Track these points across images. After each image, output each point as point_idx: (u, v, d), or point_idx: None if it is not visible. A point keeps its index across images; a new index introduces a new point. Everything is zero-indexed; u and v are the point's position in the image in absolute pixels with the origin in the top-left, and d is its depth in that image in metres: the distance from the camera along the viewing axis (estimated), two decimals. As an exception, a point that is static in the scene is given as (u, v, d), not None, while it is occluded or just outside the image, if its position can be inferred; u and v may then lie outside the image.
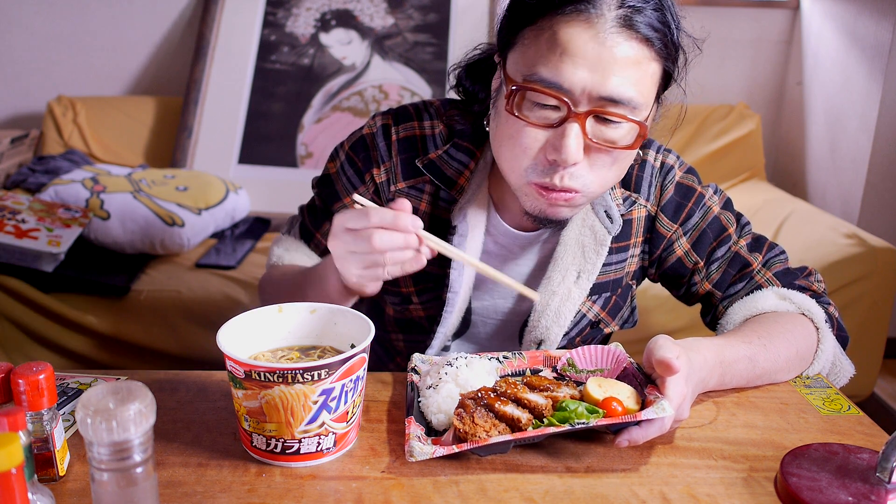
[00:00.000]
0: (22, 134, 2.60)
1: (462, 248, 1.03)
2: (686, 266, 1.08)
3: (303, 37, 2.69)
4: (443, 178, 1.04)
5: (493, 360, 0.96)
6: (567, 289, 1.04)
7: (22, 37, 2.76)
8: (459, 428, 0.79)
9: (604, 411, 0.79)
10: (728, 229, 1.08)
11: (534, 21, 0.87)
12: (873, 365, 2.17)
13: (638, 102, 0.87)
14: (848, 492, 0.73)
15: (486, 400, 0.81)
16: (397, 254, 0.87)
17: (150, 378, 0.97)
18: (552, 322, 1.05)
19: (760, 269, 1.07)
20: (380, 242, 0.85)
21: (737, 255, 1.07)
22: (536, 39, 0.87)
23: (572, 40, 0.84)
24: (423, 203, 1.07)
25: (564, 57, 0.84)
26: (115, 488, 0.60)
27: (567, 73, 0.84)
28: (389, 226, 0.85)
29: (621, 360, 0.91)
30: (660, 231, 1.07)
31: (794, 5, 2.87)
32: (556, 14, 0.85)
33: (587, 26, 0.84)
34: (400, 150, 1.06)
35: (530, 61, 0.87)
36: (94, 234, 2.17)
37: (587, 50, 0.83)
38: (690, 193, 1.07)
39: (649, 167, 1.07)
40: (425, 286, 1.09)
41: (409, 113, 1.08)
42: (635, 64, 0.85)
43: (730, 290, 1.08)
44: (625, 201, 1.06)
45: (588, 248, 1.04)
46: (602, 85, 0.84)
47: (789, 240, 2.22)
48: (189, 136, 2.61)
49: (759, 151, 2.78)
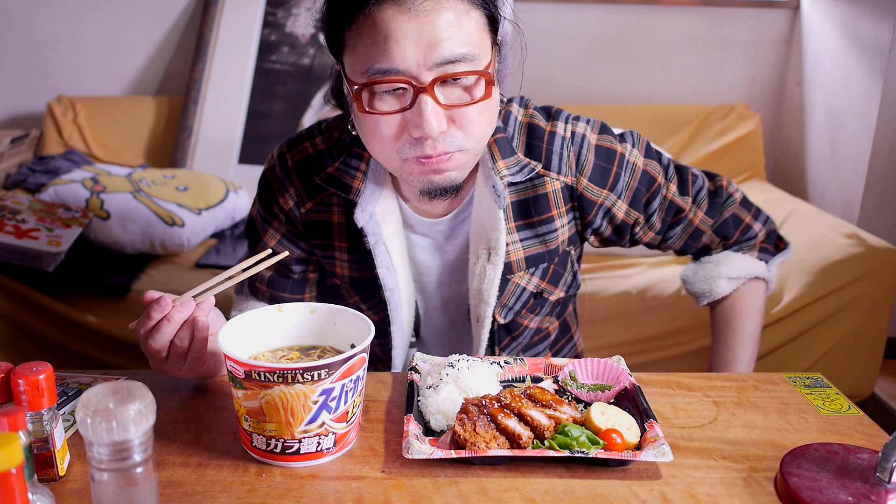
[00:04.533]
0: (22, 134, 2.60)
1: (382, 247, 1.06)
2: (628, 223, 1.12)
3: (303, 37, 2.69)
4: (341, 186, 1.06)
5: (495, 365, 0.96)
6: (482, 268, 1.07)
7: (22, 37, 2.76)
8: (460, 434, 0.79)
9: (604, 443, 0.80)
10: (657, 178, 1.11)
11: (350, 21, 0.90)
12: (873, 365, 2.17)
13: (473, 54, 0.89)
14: (848, 492, 0.73)
15: (490, 410, 0.81)
16: (172, 342, 0.88)
17: (150, 378, 0.97)
18: (478, 301, 1.08)
19: (693, 209, 1.15)
20: (153, 344, 0.87)
21: (671, 203, 1.13)
22: (359, 37, 0.89)
23: (390, 24, 0.87)
24: (335, 215, 1.09)
25: (389, 42, 0.87)
26: (115, 488, 0.60)
27: (397, 56, 0.87)
28: (148, 329, 0.87)
29: (623, 377, 0.92)
30: (588, 198, 1.08)
31: (794, 5, 2.87)
32: (367, 7, 0.88)
33: (397, 6, 0.86)
34: (298, 173, 1.09)
35: (362, 58, 0.89)
36: (94, 234, 2.17)
37: (407, 28, 0.86)
38: (612, 156, 1.08)
39: (559, 139, 1.06)
40: (367, 292, 1.12)
41: (300, 136, 1.12)
42: (455, 22, 0.88)
43: (668, 234, 1.16)
44: (520, 171, 1.04)
45: (488, 227, 1.05)
46: (433, 53, 0.87)
47: (789, 240, 2.22)
48: (189, 136, 2.61)
49: (759, 151, 2.79)
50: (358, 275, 1.11)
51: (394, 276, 1.08)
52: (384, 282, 1.08)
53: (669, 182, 1.13)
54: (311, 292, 1.18)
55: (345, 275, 1.12)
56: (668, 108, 2.83)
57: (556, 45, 2.85)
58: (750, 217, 1.20)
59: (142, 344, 0.89)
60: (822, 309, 2.08)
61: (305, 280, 1.17)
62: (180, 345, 0.88)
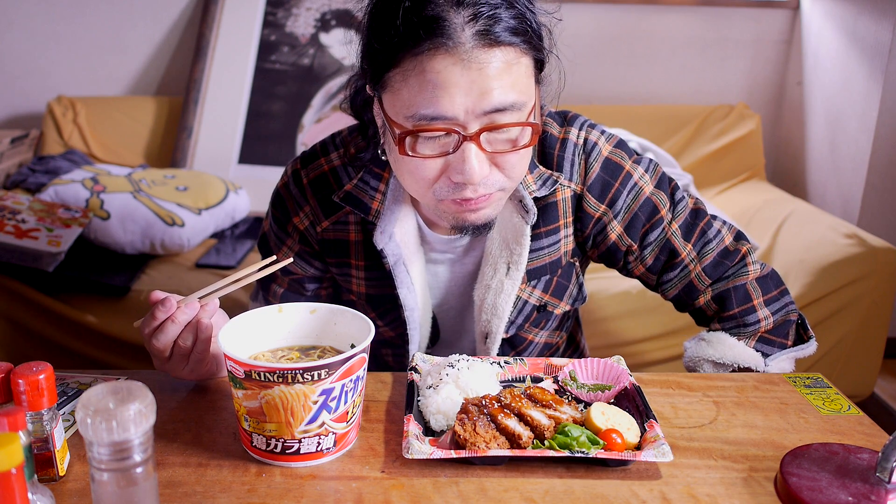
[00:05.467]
0: (22, 134, 2.60)
1: (402, 267, 1.05)
2: (620, 249, 1.09)
3: (303, 37, 2.69)
4: (360, 205, 1.04)
5: (495, 365, 0.96)
6: (499, 282, 1.06)
7: (22, 37, 2.76)
8: (460, 434, 0.79)
9: (604, 443, 0.80)
10: (660, 211, 1.07)
11: (397, 63, 0.86)
12: (873, 365, 2.17)
13: (521, 102, 0.87)
14: (848, 492, 0.73)
15: (490, 410, 0.81)
16: (175, 342, 0.89)
17: (150, 378, 0.97)
18: (491, 315, 1.07)
19: (694, 260, 1.09)
20: (157, 344, 0.88)
21: (668, 242, 1.08)
22: (406, 81, 0.86)
23: (440, 74, 0.83)
24: (352, 234, 1.07)
25: (438, 91, 0.84)
26: (115, 488, 0.60)
27: (446, 104, 0.84)
28: (152, 329, 0.87)
29: (623, 377, 0.92)
30: (587, 210, 1.06)
31: (794, 5, 2.87)
32: (416, 51, 0.84)
33: (448, 56, 0.83)
34: (314, 192, 1.07)
35: (407, 103, 0.86)
36: (94, 234, 2.17)
37: (457, 78, 0.83)
38: (618, 172, 1.05)
39: (571, 145, 1.05)
40: (384, 309, 1.11)
41: (315, 152, 1.09)
42: (506, 70, 0.85)
43: (663, 278, 1.11)
44: (544, 184, 1.04)
45: (511, 241, 1.04)
46: (482, 102, 0.84)
47: (789, 240, 2.23)
48: (189, 136, 2.61)
49: (759, 151, 2.79)
50: (375, 292, 1.10)
51: (413, 296, 1.07)
52: (404, 302, 1.07)
53: (675, 219, 1.08)
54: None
55: (361, 292, 1.11)
56: (668, 108, 2.83)
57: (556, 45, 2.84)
58: (759, 300, 1.08)
59: (145, 343, 0.89)
60: (822, 309, 2.08)
61: (318, 297, 1.17)
62: (183, 346, 0.88)
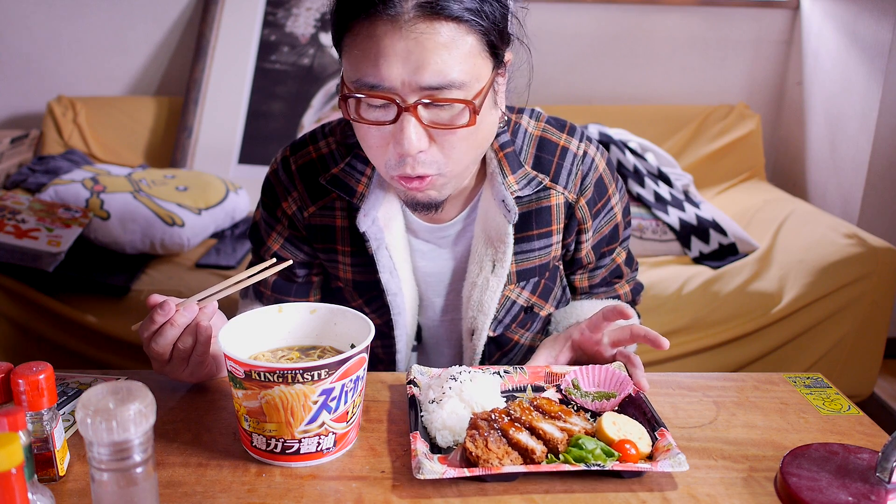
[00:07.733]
0: (22, 134, 2.60)
1: (385, 252, 1.06)
2: (581, 262, 1.15)
3: (303, 37, 2.69)
4: (346, 189, 1.06)
5: (496, 376, 0.94)
6: (485, 279, 1.07)
7: (22, 37, 2.76)
8: (472, 451, 0.76)
9: (619, 454, 0.79)
10: (618, 237, 1.16)
11: (348, 27, 0.89)
12: (873, 365, 2.17)
13: (461, 81, 0.87)
14: (848, 492, 0.73)
15: (501, 424, 0.80)
16: (174, 345, 0.89)
17: (150, 378, 0.97)
18: (477, 312, 1.09)
19: (628, 281, 1.21)
20: (156, 347, 0.88)
21: (617, 267, 1.19)
22: (354, 45, 0.88)
23: (381, 40, 0.85)
24: (338, 219, 1.09)
25: (378, 58, 0.85)
26: (115, 488, 0.60)
27: (384, 72, 0.85)
28: (151, 332, 0.88)
29: (625, 384, 0.91)
30: (577, 219, 1.10)
31: (794, 5, 2.87)
32: (363, 18, 0.86)
33: (389, 23, 0.85)
34: (302, 177, 1.09)
35: (354, 67, 0.88)
36: (94, 234, 2.17)
37: (396, 46, 0.85)
38: (603, 193, 1.10)
39: (570, 155, 1.07)
40: (370, 296, 1.12)
41: (304, 140, 1.11)
42: (446, 46, 0.85)
43: (594, 291, 1.20)
44: (528, 184, 1.05)
45: (495, 240, 1.06)
46: (418, 76, 0.85)
47: (789, 240, 2.23)
48: (189, 136, 2.61)
49: (759, 151, 2.79)
50: (361, 278, 1.11)
51: (396, 280, 1.08)
52: (386, 286, 1.08)
53: (623, 249, 1.18)
54: (316, 295, 1.18)
55: (348, 278, 1.12)
56: (668, 108, 2.83)
57: (556, 45, 2.85)
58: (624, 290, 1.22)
59: (144, 346, 0.89)
60: (822, 309, 2.08)
61: (310, 283, 1.17)
62: (183, 348, 0.88)
